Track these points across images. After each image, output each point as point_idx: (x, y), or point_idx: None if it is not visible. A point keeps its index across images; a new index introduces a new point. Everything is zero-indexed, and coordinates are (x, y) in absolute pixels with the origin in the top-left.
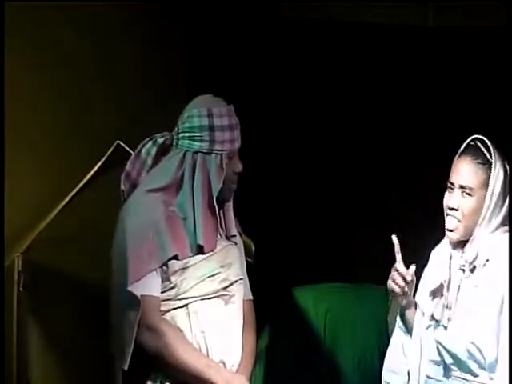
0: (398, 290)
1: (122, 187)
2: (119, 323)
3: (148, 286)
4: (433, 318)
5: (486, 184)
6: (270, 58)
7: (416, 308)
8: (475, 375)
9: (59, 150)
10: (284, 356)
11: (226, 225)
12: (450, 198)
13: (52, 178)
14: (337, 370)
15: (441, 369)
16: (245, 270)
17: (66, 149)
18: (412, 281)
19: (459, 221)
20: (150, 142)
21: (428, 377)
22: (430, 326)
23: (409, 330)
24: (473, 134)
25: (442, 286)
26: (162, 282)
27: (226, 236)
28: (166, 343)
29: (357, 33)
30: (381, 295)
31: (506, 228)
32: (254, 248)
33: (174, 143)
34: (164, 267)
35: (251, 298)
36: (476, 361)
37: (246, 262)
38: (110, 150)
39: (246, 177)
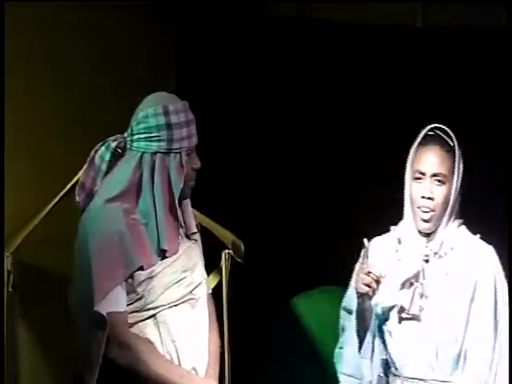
0: (370, 292)
1: (77, 199)
2: (85, 343)
3: (114, 301)
4: (402, 309)
5: (452, 170)
6: (259, 57)
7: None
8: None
9: (53, 153)
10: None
11: (185, 222)
12: (423, 188)
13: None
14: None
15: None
16: (203, 263)
17: (58, 150)
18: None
19: (433, 210)
20: (103, 148)
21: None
22: (400, 318)
23: (364, 329)
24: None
25: (409, 279)
26: (128, 294)
27: (186, 235)
28: (137, 358)
29: (345, 33)
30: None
31: (461, 221)
32: (243, 248)
33: (129, 145)
34: (129, 279)
35: (210, 291)
36: (437, 356)
37: (237, 262)
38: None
39: (235, 178)
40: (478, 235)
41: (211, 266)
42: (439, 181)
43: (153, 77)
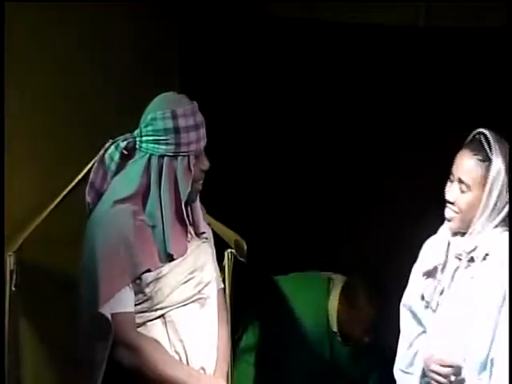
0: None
1: (88, 199)
2: (90, 345)
3: (121, 302)
4: (423, 298)
5: (483, 182)
6: (262, 57)
7: None
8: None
9: (54, 150)
10: (269, 348)
11: (194, 222)
12: (449, 191)
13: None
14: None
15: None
16: (215, 260)
17: (60, 149)
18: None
19: (456, 213)
20: (113, 147)
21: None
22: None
23: None
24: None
25: (436, 269)
26: (136, 294)
27: (196, 233)
28: (145, 359)
29: (347, 33)
30: (323, 285)
31: (507, 227)
32: (246, 248)
33: (138, 146)
34: (137, 280)
35: (222, 286)
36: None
37: (240, 261)
38: (103, 151)
39: (238, 178)
40: None
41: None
42: (462, 188)
43: (155, 77)
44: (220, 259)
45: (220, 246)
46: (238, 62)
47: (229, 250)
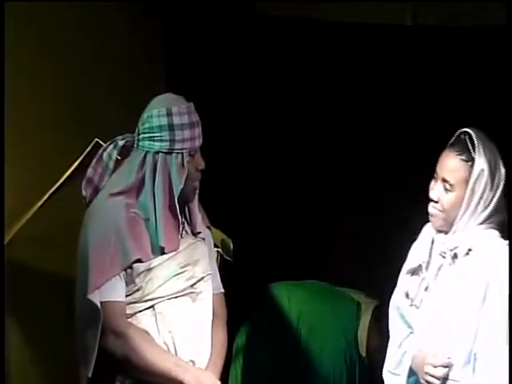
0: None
1: (84, 193)
2: (82, 331)
3: (112, 291)
4: (407, 296)
5: (467, 181)
6: (249, 56)
7: None
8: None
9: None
10: (262, 354)
11: (191, 221)
12: (433, 189)
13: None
14: (314, 370)
15: None
16: (215, 264)
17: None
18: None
19: (439, 211)
20: (111, 146)
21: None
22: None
23: None
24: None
25: (420, 266)
26: (127, 285)
27: (193, 232)
28: (133, 348)
29: (334, 32)
30: (352, 309)
31: (492, 224)
32: (232, 247)
33: (135, 145)
34: (128, 270)
35: (222, 291)
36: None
37: (226, 261)
38: (89, 148)
39: (225, 177)
40: (507, 241)
41: None
42: (445, 187)
43: (142, 76)
44: None
45: None
46: (225, 61)
47: (215, 249)
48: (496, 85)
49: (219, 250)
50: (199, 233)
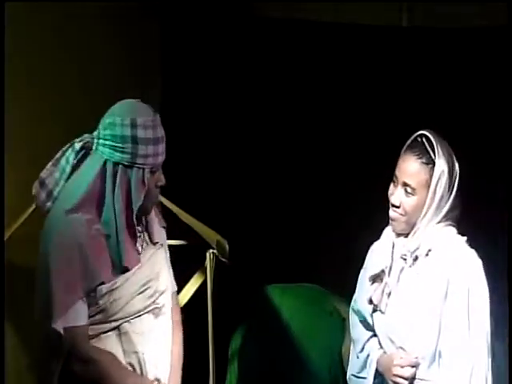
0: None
1: (34, 192)
2: (45, 357)
3: (75, 316)
4: (371, 302)
5: (428, 184)
6: (246, 58)
7: None
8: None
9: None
10: (255, 357)
11: (148, 231)
12: (394, 194)
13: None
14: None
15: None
16: (169, 261)
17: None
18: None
19: (401, 215)
20: (70, 149)
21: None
22: (368, 310)
23: None
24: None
25: (383, 272)
26: (89, 307)
27: (151, 241)
28: (99, 372)
29: (331, 32)
30: (337, 326)
31: (449, 221)
32: (228, 248)
33: (95, 147)
34: (91, 293)
35: (175, 289)
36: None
37: (222, 262)
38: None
39: (220, 178)
40: (465, 238)
41: (196, 265)
42: (407, 191)
43: (137, 78)
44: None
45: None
46: (220, 62)
47: (210, 251)
48: (496, 85)
49: (214, 251)
50: (157, 242)
